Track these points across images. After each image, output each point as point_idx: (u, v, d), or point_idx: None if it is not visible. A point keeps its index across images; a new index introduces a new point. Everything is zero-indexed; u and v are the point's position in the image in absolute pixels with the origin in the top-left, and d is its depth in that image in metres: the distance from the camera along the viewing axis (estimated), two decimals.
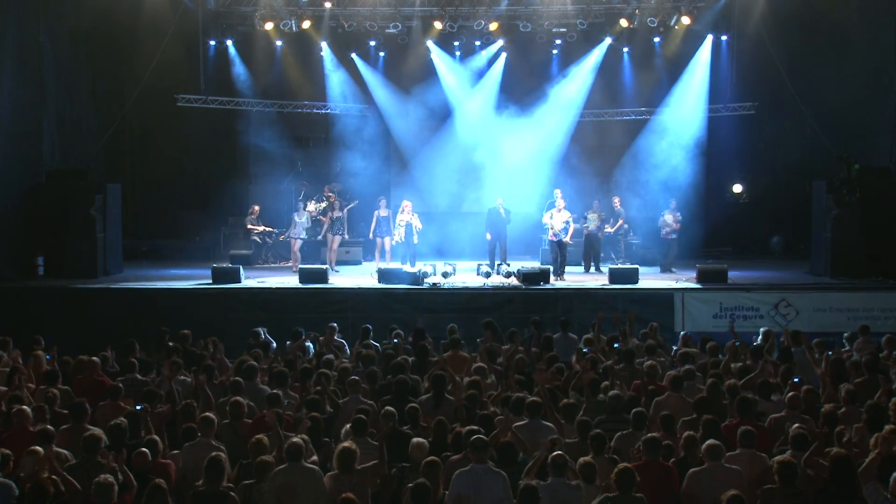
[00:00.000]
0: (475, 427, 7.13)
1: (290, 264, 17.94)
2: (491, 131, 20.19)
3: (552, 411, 7.90)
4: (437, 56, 20.72)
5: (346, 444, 6.86)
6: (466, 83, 20.95)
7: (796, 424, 7.23)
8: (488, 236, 17.49)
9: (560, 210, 16.70)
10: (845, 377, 9.30)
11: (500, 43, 20.49)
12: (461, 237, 19.33)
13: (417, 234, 17.15)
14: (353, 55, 20.78)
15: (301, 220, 17.94)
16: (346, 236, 18.38)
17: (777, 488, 6.27)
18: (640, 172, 20.12)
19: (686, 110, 20.33)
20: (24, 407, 7.87)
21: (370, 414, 7.89)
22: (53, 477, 6.33)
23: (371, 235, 17.82)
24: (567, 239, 16.74)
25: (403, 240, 17.14)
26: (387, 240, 17.48)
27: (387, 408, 7.80)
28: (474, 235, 18.62)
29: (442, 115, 20.82)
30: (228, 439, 7.69)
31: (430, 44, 20.48)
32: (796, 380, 8.74)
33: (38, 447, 6.79)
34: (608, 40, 20.23)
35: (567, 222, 16.72)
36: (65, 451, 7.12)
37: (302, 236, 17.97)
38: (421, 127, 21.04)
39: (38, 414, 7.86)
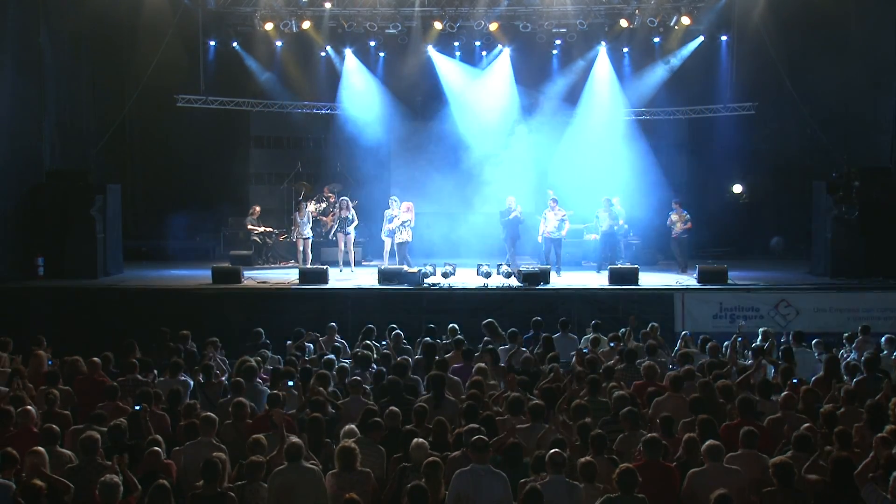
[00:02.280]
0: (476, 426, 7.13)
1: (290, 264, 17.84)
2: (491, 131, 20.17)
3: (554, 414, 7.91)
4: (437, 56, 20.72)
5: (346, 442, 6.86)
6: (466, 82, 20.93)
7: (805, 425, 7.24)
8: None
9: (553, 209, 16.69)
10: (839, 375, 9.31)
11: (499, 45, 20.48)
12: (461, 237, 19.30)
13: (409, 229, 17.04)
14: (354, 54, 20.77)
15: (302, 219, 17.84)
16: (353, 234, 18.17)
17: (777, 490, 6.27)
18: (639, 172, 20.10)
19: (683, 109, 20.37)
20: (28, 407, 7.87)
21: (375, 414, 7.89)
22: (51, 477, 6.34)
23: (383, 236, 17.74)
24: (563, 233, 16.80)
25: (410, 240, 17.11)
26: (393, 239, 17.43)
27: (391, 408, 7.80)
28: (475, 235, 18.56)
29: (442, 115, 20.80)
30: (231, 440, 7.69)
31: (429, 44, 20.48)
32: (795, 381, 8.74)
33: (39, 448, 6.80)
34: (603, 44, 20.24)
35: (563, 220, 16.75)
36: (69, 452, 7.10)
37: (307, 235, 17.87)
38: (421, 126, 21.03)
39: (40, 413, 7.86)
